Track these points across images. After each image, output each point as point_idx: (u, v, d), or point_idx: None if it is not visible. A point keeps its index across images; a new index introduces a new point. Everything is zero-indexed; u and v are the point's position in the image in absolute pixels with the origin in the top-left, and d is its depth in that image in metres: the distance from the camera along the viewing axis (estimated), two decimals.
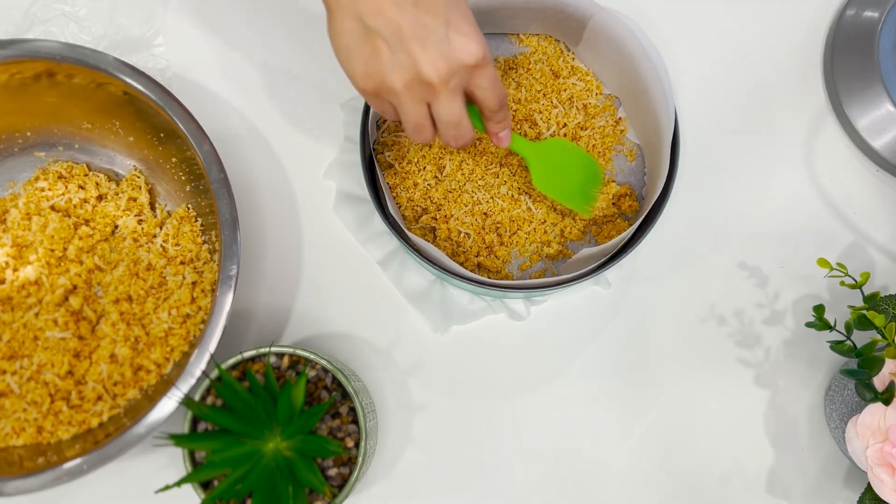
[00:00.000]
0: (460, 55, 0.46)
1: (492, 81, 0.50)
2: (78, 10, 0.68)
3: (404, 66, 0.46)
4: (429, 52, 0.46)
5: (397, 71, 0.46)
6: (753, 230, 0.69)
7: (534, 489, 0.64)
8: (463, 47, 0.46)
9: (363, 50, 0.47)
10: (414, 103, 0.48)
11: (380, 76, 0.47)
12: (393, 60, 0.46)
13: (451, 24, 0.46)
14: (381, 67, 0.47)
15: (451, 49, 0.46)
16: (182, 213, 0.63)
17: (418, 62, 0.46)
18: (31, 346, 0.60)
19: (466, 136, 0.51)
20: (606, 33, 0.62)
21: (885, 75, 0.66)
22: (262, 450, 0.52)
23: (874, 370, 0.54)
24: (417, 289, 0.66)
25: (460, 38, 0.46)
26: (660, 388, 0.66)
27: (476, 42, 0.47)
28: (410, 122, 0.50)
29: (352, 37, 0.47)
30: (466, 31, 0.46)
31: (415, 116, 0.49)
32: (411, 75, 0.47)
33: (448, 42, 0.46)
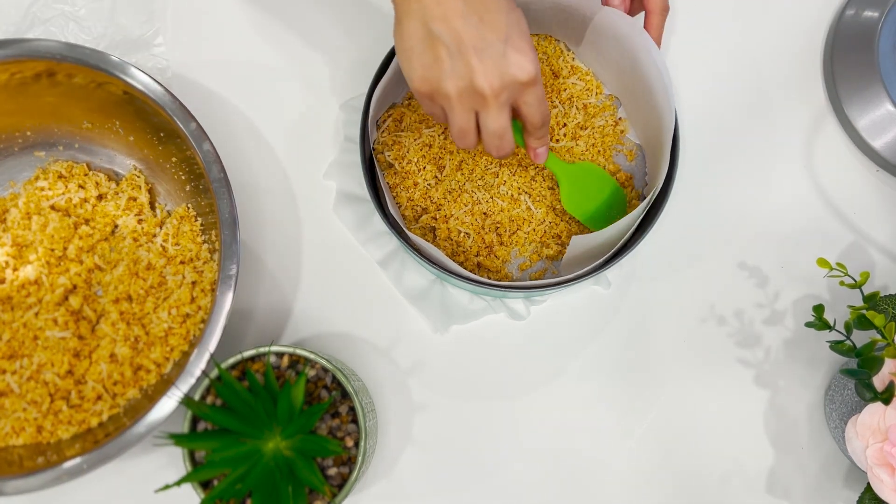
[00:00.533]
0: (515, 72, 0.49)
1: (539, 99, 0.52)
2: (78, 9, 0.68)
3: (460, 74, 0.48)
4: (486, 64, 0.48)
5: (453, 78, 0.49)
6: (753, 230, 0.69)
7: (534, 489, 0.64)
8: (518, 65, 0.49)
9: (425, 54, 0.49)
10: (464, 111, 0.50)
11: (437, 80, 0.49)
12: (451, 67, 0.48)
13: (510, 42, 0.48)
14: (438, 72, 0.49)
15: (507, 65, 0.48)
16: (182, 213, 0.63)
17: (474, 73, 0.48)
18: (31, 346, 0.60)
19: (507, 148, 0.53)
20: (609, 32, 0.62)
21: (885, 75, 0.66)
22: (261, 449, 0.52)
23: (874, 370, 0.54)
24: (417, 289, 0.66)
25: (517, 55, 0.48)
26: (660, 388, 0.66)
27: (531, 61, 0.49)
28: (457, 127, 0.52)
29: (416, 40, 0.49)
30: (523, 49, 0.49)
31: (462, 122, 0.51)
32: (466, 84, 0.49)
33: (505, 58, 0.48)
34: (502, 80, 0.49)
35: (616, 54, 0.63)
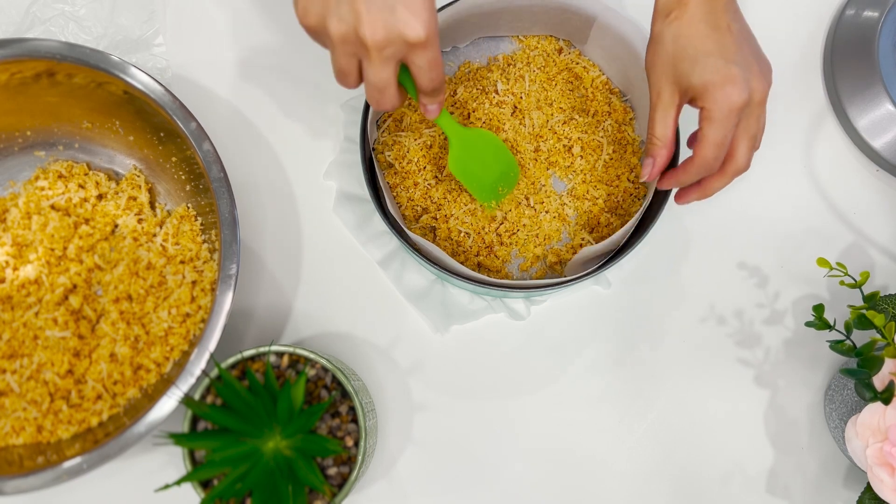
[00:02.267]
0: (403, 28, 0.46)
1: (430, 63, 0.49)
2: (78, 9, 0.68)
3: (344, 18, 0.46)
4: (372, 14, 0.46)
5: (336, 20, 0.46)
6: (753, 230, 0.69)
7: (533, 488, 0.64)
8: (407, 23, 0.46)
9: None
10: (345, 56, 0.48)
11: (319, 17, 0.47)
12: (336, 8, 0.46)
13: None
14: (323, 9, 0.47)
15: (394, 20, 0.46)
16: (182, 213, 0.63)
17: (360, 20, 0.46)
18: (31, 346, 0.60)
19: (388, 104, 0.51)
20: (613, 31, 0.62)
21: (885, 75, 0.66)
22: (261, 449, 0.52)
23: (874, 369, 0.54)
24: (417, 289, 0.66)
25: (407, 13, 0.46)
26: (660, 388, 0.66)
27: (421, 22, 0.46)
28: (336, 67, 0.50)
29: None
30: (416, 9, 0.46)
31: (342, 64, 0.49)
32: (349, 29, 0.47)
33: (394, 13, 0.46)
34: (387, 35, 0.46)
35: (620, 53, 0.63)
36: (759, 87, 0.51)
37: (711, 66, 0.50)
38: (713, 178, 0.54)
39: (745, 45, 0.51)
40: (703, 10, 0.51)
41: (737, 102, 0.50)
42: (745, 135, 0.52)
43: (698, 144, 0.52)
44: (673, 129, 0.54)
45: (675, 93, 0.53)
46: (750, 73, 0.50)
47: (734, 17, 0.52)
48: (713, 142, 0.51)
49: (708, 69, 0.50)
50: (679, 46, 0.51)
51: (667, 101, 0.53)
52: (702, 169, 0.53)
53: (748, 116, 0.51)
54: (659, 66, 0.53)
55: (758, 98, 0.51)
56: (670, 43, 0.51)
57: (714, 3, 0.51)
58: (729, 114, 0.50)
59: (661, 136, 0.54)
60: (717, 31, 0.51)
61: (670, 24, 0.51)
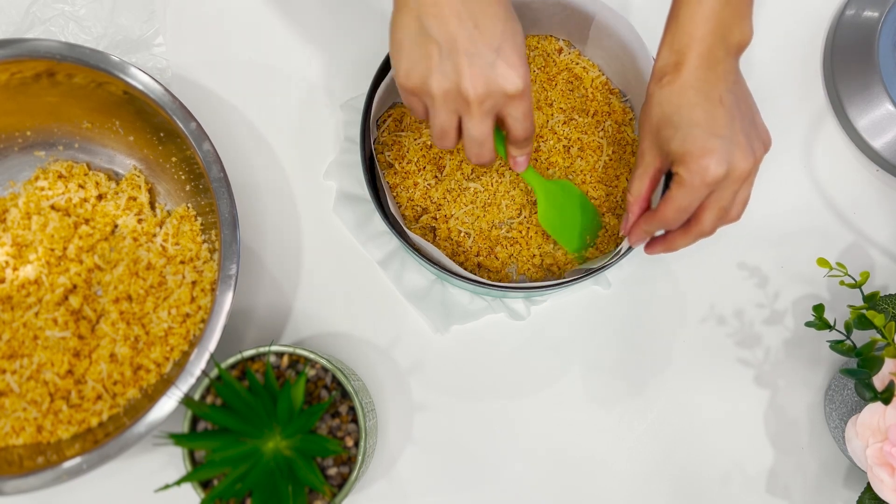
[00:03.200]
0: (502, 82, 0.48)
1: (524, 114, 0.51)
2: (78, 9, 0.68)
3: (447, 74, 0.48)
4: (474, 70, 0.47)
5: (440, 77, 0.48)
6: (753, 230, 0.69)
7: (533, 488, 0.64)
8: (506, 76, 0.48)
9: (415, 49, 0.48)
10: (446, 112, 0.50)
11: (423, 77, 0.49)
12: (440, 66, 0.48)
13: (502, 53, 0.48)
14: (426, 69, 0.48)
15: (494, 74, 0.48)
16: (182, 213, 0.63)
17: (462, 76, 0.48)
18: (31, 346, 0.60)
19: (487, 157, 0.53)
20: (611, 31, 0.62)
21: (885, 75, 0.66)
22: (261, 449, 0.52)
23: (874, 369, 0.54)
24: (417, 289, 0.66)
25: (506, 67, 0.48)
26: (660, 387, 0.66)
27: (520, 75, 0.48)
28: (437, 127, 0.51)
29: (408, 33, 0.48)
30: (514, 62, 0.48)
31: (443, 122, 0.51)
32: (451, 85, 0.48)
33: (494, 68, 0.48)
34: (488, 89, 0.48)
35: (619, 52, 0.63)
36: (743, 164, 0.50)
37: (692, 137, 0.50)
38: (676, 234, 0.55)
39: (737, 118, 0.51)
40: (697, 78, 0.50)
41: (711, 176, 0.49)
42: (715, 205, 0.51)
43: (663, 201, 0.52)
44: (648, 189, 0.55)
45: (656, 157, 0.53)
46: (734, 147, 0.50)
47: (732, 86, 0.51)
48: (676, 205, 0.52)
49: (688, 139, 0.50)
50: (665, 113, 0.51)
51: (647, 163, 0.54)
52: (660, 224, 0.54)
53: (722, 189, 0.51)
54: (646, 127, 0.53)
55: (737, 174, 0.50)
56: (658, 107, 0.51)
57: (711, 72, 0.50)
58: (700, 185, 0.50)
59: (636, 194, 0.55)
60: (708, 102, 0.50)
61: (662, 88, 0.51)
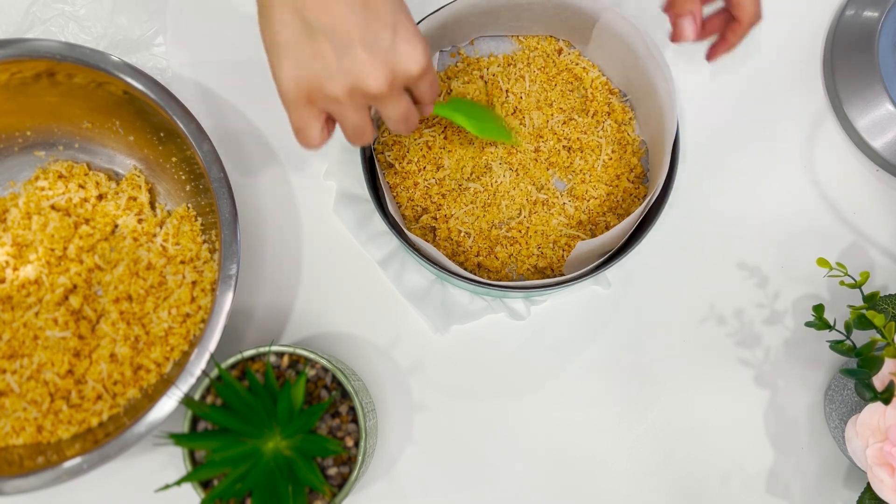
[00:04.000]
0: (407, 65, 0.44)
1: (431, 84, 0.48)
2: (78, 9, 0.68)
3: (348, 72, 0.43)
4: (376, 59, 0.43)
5: (338, 77, 0.43)
6: (753, 230, 0.69)
7: (533, 489, 0.64)
8: (409, 57, 0.44)
9: (302, 49, 0.43)
10: (357, 109, 0.46)
11: (317, 81, 0.44)
12: (337, 65, 0.43)
13: (398, 31, 0.43)
14: (321, 71, 0.43)
15: (396, 58, 0.44)
16: (182, 213, 0.63)
17: (363, 70, 0.43)
18: (31, 346, 0.60)
19: (414, 124, 0.49)
20: (614, 32, 0.62)
21: (885, 75, 0.66)
22: (261, 449, 0.52)
23: (874, 370, 0.54)
24: (417, 289, 0.66)
25: (406, 46, 0.44)
26: (660, 387, 0.66)
27: (421, 51, 0.44)
28: (351, 128, 0.47)
29: (289, 32, 0.43)
30: (411, 38, 0.44)
31: (357, 121, 0.46)
32: (354, 83, 0.44)
33: (395, 50, 0.43)
34: (394, 76, 0.44)
35: (622, 54, 0.63)
36: None
37: None
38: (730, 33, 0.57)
39: None
40: None
41: None
42: None
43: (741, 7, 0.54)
44: None
45: None
46: None
47: None
48: None
49: None
50: None
51: None
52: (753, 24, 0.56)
53: None
54: None
55: None
56: None
57: None
58: None
59: None
60: None
61: None
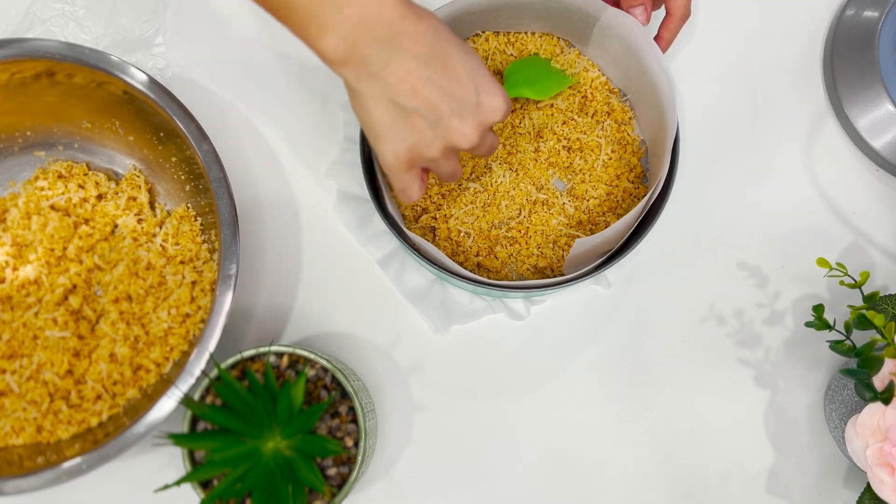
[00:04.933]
0: (493, 116, 0.49)
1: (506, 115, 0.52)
2: (78, 9, 0.68)
3: (441, 138, 0.49)
4: (466, 122, 0.48)
5: (434, 143, 0.49)
6: (753, 230, 0.69)
7: (533, 488, 0.64)
8: (493, 109, 0.49)
9: (402, 130, 0.48)
10: (450, 161, 0.51)
11: (416, 150, 0.49)
12: (432, 134, 0.48)
13: (480, 89, 0.48)
14: (419, 142, 0.49)
15: (483, 113, 0.49)
16: (182, 213, 0.63)
17: (456, 135, 0.48)
18: (31, 346, 0.60)
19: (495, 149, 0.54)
20: (614, 32, 0.62)
21: (885, 75, 0.66)
22: (261, 449, 0.52)
23: (874, 370, 0.54)
24: (417, 289, 0.66)
25: (489, 98, 0.49)
26: (660, 388, 0.66)
27: (502, 99, 0.49)
28: (446, 175, 0.53)
29: (388, 118, 0.48)
30: (491, 90, 0.49)
31: (451, 169, 0.53)
32: (448, 144, 0.49)
33: (480, 107, 0.48)
34: (482, 131, 0.49)
35: (622, 53, 0.63)
36: None
37: None
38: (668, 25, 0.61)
39: None
40: None
41: None
42: None
43: None
44: None
45: None
46: None
47: None
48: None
49: None
50: None
51: None
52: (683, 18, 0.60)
53: None
54: None
55: None
56: None
57: None
58: None
59: None
60: None
61: None
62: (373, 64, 0.45)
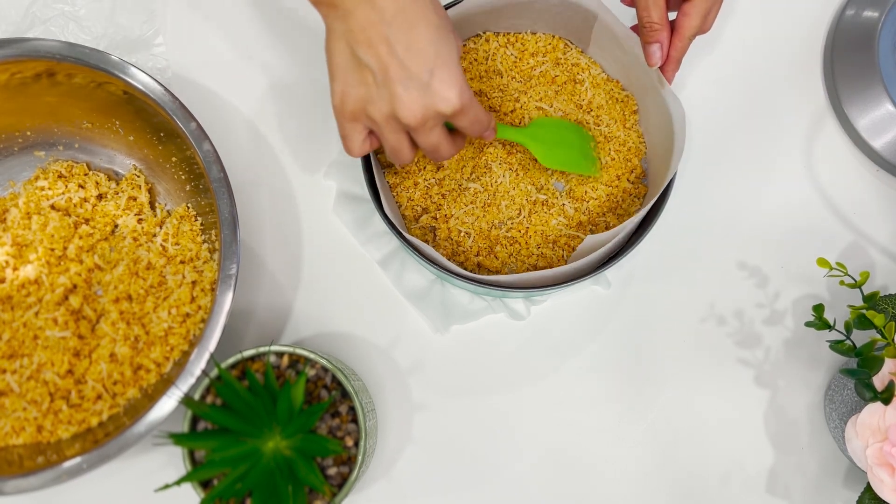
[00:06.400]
0: (438, 104, 0.49)
1: (471, 121, 0.52)
2: (78, 9, 0.68)
3: (385, 101, 0.49)
4: (410, 95, 0.48)
5: (378, 104, 0.49)
6: (753, 230, 0.69)
7: (533, 488, 0.64)
8: (442, 98, 0.48)
9: (350, 74, 0.49)
10: (392, 132, 0.51)
11: (361, 103, 0.50)
12: (377, 94, 0.49)
13: (436, 73, 0.48)
14: (364, 95, 0.49)
15: (430, 97, 0.48)
16: (182, 213, 0.63)
17: (398, 103, 0.48)
18: (31, 345, 0.60)
19: (446, 155, 0.54)
20: (612, 32, 0.62)
21: (885, 75, 0.66)
22: (261, 449, 0.52)
23: (874, 369, 0.54)
24: (417, 289, 0.66)
25: (442, 87, 0.48)
26: (660, 388, 0.66)
27: (455, 94, 0.49)
28: (388, 146, 0.52)
29: (343, 58, 0.49)
30: (448, 81, 0.48)
31: (393, 142, 0.52)
32: (390, 111, 0.49)
33: (429, 90, 0.48)
34: (425, 112, 0.49)
35: (618, 53, 0.63)
36: None
37: None
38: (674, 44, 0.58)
39: None
40: None
41: None
42: None
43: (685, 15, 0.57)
44: (664, 10, 0.56)
45: None
46: None
47: None
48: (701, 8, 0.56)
49: None
50: None
51: None
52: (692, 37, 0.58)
53: None
54: None
55: None
56: None
57: None
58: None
59: (659, 20, 0.56)
60: None
61: None
62: (344, 4, 0.47)
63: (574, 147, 0.63)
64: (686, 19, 0.57)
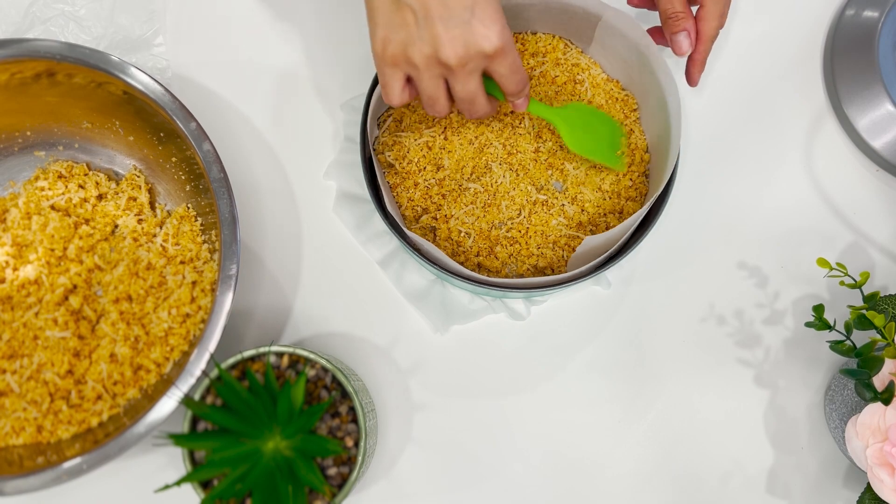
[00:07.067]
0: (480, 42, 0.49)
1: (510, 68, 0.52)
2: (78, 9, 0.68)
3: (426, 42, 0.49)
4: (451, 33, 0.48)
5: (419, 45, 0.49)
6: (753, 230, 0.69)
7: (533, 488, 0.64)
8: (483, 35, 0.49)
9: (390, 17, 0.49)
10: (431, 78, 0.51)
11: (402, 46, 0.50)
12: (418, 35, 0.49)
13: (476, 12, 0.48)
14: (404, 38, 0.49)
15: (472, 35, 0.49)
16: (182, 213, 0.63)
17: (439, 42, 0.49)
18: (31, 346, 0.60)
19: (481, 111, 0.54)
20: (617, 31, 0.62)
21: (885, 75, 0.66)
22: (261, 449, 0.52)
23: (874, 370, 0.54)
24: (417, 289, 0.66)
25: (482, 26, 0.49)
26: (660, 387, 0.66)
27: (496, 32, 0.49)
28: (426, 94, 0.53)
29: (384, 5, 0.50)
30: (490, 20, 0.49)
31: (431, 90, 0.52)
32: (431, 52, 0.49)
33: (470, 28, 0.48)
34: (467, 51, 0.49)
35: (624, 52, 0.63)
36: None
37: None
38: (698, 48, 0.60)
39: None
40: None
41: None
42: None
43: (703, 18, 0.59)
44: None
45: None
46: None
47: None
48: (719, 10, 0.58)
49: None
50: None
51: None
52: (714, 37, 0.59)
53: None
54: None
55: None
56: None
57: None
58: None
59: (683, 8, 0.58)
60: None
61: None
62: None
63: (603, 138, 0.63)
64: (704, 24, 0.59)
